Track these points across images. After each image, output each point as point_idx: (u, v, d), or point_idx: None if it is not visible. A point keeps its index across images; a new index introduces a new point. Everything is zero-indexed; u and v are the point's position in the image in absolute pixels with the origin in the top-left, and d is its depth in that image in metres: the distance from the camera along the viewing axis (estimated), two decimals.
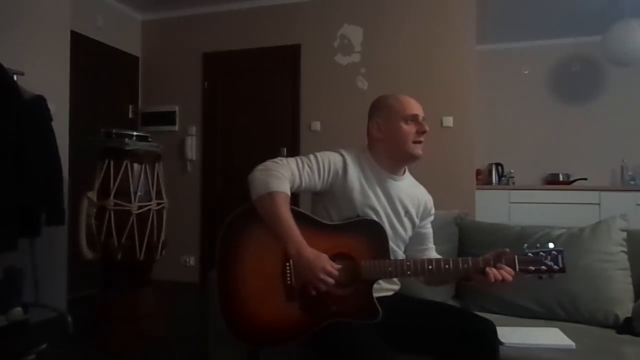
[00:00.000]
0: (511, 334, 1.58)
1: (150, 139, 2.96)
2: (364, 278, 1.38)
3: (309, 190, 1.50)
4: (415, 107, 1.54)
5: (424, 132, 1.53)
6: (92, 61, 4.08)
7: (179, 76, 4.61)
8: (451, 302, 1.90)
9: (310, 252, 1.32)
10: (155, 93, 4.69)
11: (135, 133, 2.89)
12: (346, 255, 1.40)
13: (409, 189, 1.60)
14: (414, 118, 1.53)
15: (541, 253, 1.37)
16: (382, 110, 1.56)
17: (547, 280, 1.37)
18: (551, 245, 1.38)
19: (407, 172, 1.64)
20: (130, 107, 4.62)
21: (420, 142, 1.53)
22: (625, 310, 1.77)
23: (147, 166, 2.84)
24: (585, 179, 4.71)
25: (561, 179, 4.78)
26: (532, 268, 1.36)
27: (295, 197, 1.53)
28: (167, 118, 4.59)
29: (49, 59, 3.22)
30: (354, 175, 1.50)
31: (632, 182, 4.60)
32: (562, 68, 5.00)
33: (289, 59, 4.25)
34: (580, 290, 1.81)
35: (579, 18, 4.36)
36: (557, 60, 5.02)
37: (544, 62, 5.04)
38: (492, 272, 1.31)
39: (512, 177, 5.01)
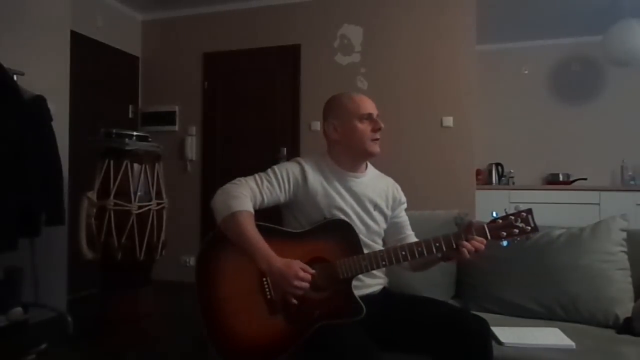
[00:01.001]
0: (511, 334, 1.58)
1: (150, 139, 2.96)
2: (341, 277, 1.39)
3: (273, 203, 1.51)
4: (369, 106, 1.56)
5: (379, 129, 1.55)
6: (92, 61, 4.08)
7: (179, 76, 4.61)
8: (451, 302, 1.89)
9: (280, 261, 1.33)
10: (155, 93, 4.69)
11: (135, 133, 2.89)
12: (320, 259, 1.41)
13: (374, 183, 1.62)
14: (369, 117, 1.55)
15: (510, 217, 1.39)
16: (336, 111, 1.58)
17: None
18: (520, 207, 1.40)
19: (369, 167, 1.66)
20: (130, 107, 4.62)
21: (377, 139, 1.55)
22: (625, 310, 1.77)
23: (147, 166, 2.84)
24: (585, 179, 4.71)
25: (561, 179, 4.78)
26: (504, 233, 1.38)
27: (275, 210, 1.55)
28: (167, 118, 4.59)
29: (49, 59, 3.22)
30: (315, 179, 1.52)
31: (632, 182, 4.60)
32: (562, 68, 5.00)
33: (289, 59, 4.25)
34: (580, 290, 1.81)
35: (579, 18, 4.36)
36: (557, 60, 5.02)
37: (544, 62, 5.04)
38: (465, 245, 1.34)
39: (512, 177, 5.01)
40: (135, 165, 2.80)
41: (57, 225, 2.87)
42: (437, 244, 1.39)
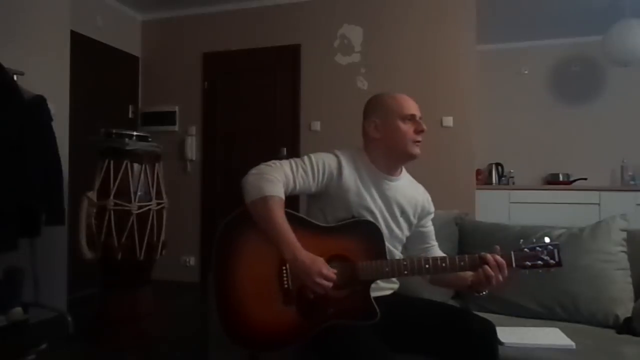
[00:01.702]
0: (511, 334, 1.58)
1: (150, 139, 2.95)
2: (361, 279, 1.38)
3: (303, 192, 1.49)
4: (412, 107, 1.53)
5: (422, 131, 1.52)
6: (92, 61, 4.08)
7: (179, 76, 4.61)
8: (451, 302, 1.90)
9: (306, 255, 1.31)
10: (155, 93, 4.69)
11: (135, 133, 2.88)
12: (342, 257, 1.39)
13: (406, 189, 1.59)
14: (412, 117, 1.52)
15: (537, 248, 1.38)
16: (379, 110, 1.54)
17: (546, 279, 1.38)
18: (547, 239, 1.39)
19: (404, 172, 1.63)
20: (130, 107, 4.62)
21: (418, 141, 1.52)
22: (625, 310, 1.77)
23: (147, 166, 2.84)
24: (585, 179, 4.71)
25: (561, 179, 4.78)
26: (529, 263, 1.37)
27: (295, 199, 1.53)
28: (167, 118, 4.59)
29: (49, 59, 3.22)
30: (350, 176, 1.49)
31: (632, 182, 4.60)
32: (562, 68, 5.00)
33: (289, 59, 4.25)
34: (580, 290, 1.81)
35: (579, 18, 4.36)
36: (557, 60, 5.02)
37: (544, 62, 5.04)
38: (488, 260, 1.34)
39: (512, 177, 5.01)
40: (135, 165, 2.79)
41: (57, 225, 2.87)
42: (462, 263, 1.38)
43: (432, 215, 1.67)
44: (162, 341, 2.84)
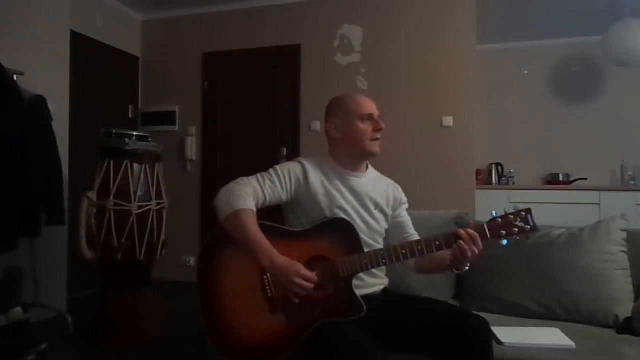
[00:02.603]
0: (511, 334, 1.58)
1: (150, 139, 2.95)
2: (342, 276, 1.39)
3: (275, 202, 1.53)
4: (370, 106, 1.59)
5: (380, 129, 1.57)
6: (92, 61, 4.08)
7: (179, 76, 4.61)
8: (451, 302, 1.90)
9: (282, 259, 1.34)
10: (155, 93, 4.69)
11: (135, 133, 2.88)
12: (321, 258, 1.41)
13: (374, 183, 1.63)
14: (370, 117, 1.57)
15: (509, 216, 1.40)
16: (338, 111, 1.60)
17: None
18: (519, 207, 1.42)
19: (369, 168, 1.68)
20: (130, 107, 4.62)
21: (377, 139, 1.57)
22: (625, 310, 1.77)
23: (147, 166, 2.84)
24: (585, 179, 4.71)
25: (561, 179, 4.78)
26: (504, 232, 1.39)
27: (277, 211, 1.56)
28: (167, 118, 4.59)
29: (49, 59, 3.22)
30: (316, 179, 1.54)
31: (632, 182, 4.60)
32: (562, 68, 5.00)
33: (289, 59, 4.25)
34: (580, 290, 1.81)
35: (579, 18, 4.36)
36: (557, 60, 5.02)
37: (544, 62, 5.04)
38: (461, 234, 1.36)
39: (512, 177, 5.01)
40: (135, 165, 2.79)
41: (57, 225, 2.87)
42: (437, 242, 1.39)
43: (406, 205, 1.71)
44: (162, 341, 2.84)
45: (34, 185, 2.65)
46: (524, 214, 1.40)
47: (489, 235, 1.39)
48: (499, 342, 1.52)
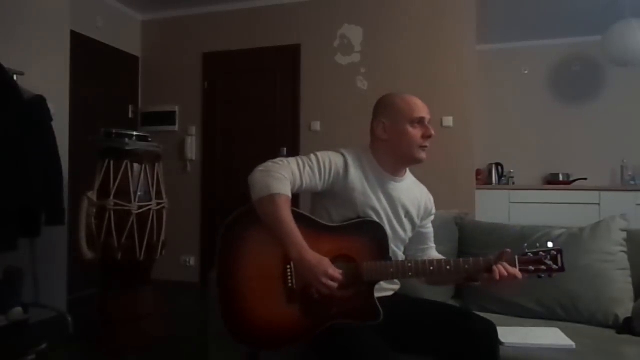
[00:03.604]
0: (511, 334, 1.58)
1: (150, 139, 2.95)
2: (365, 280, 1.38)
3: (309, 190, 1.48)
4: (423, 110, 1.51)
5: (430, 136, 1.50)
6: (92, 61, 4.08)
7: (179, 76, 4.61)
8: (451, 302, 1.90)
9: (312, 255, 1.30)
10: (155, 93, 4.69)
11: (135, 133, 2.88)
12: (347, 257, 1.39)
13: (410, 190, 1.59)
14: (421, 121, 1.50)
15: (541, 253, 1.38)
16: (388, 111, 1.52)
17: (546, 279, 1.38)
18: (550, 244, 1.39)
19: (407, 172, 1.62)
20: (130, 107, 4.62)
21: (425, 146, 1.51)
22: (625, 310, 1.77)
23: (147, 166, 2.84)
24: (585, 179, 4.71)
25: (561, 179, 4.78)
26: (532, 268, 1.37)
27: (295, 197, 1.53)
28: (167, 118, 4.59)
29: (49, 59, 3.22)
30: (356, 175, 1.49)
31: (632, 182, 4.60)
32: (562, 68, 5.00)
33: (289, 59, 4.25)
34: (580, 290, 1.81)
35: (579, 18, 4.36)
36: (557, 60, 5.02)
37: (544, 62, 5.04)
38: (497, 269, 1.32)
39: (512, 177, 5.01)
40: (135, 165, 2.79)
41: (57, 225, 2.87)
42: (467, 266, 1.37)
43: (432, 217, 1.67)
44: (162, 341, 2.85)
45: (34, 185, 2.65)
46: (555, 253, 1.37)
47: (517, 269, 1.36)
48: (500, 343, 1.52)
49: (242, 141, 4.37)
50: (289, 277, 1.37)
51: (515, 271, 1.33)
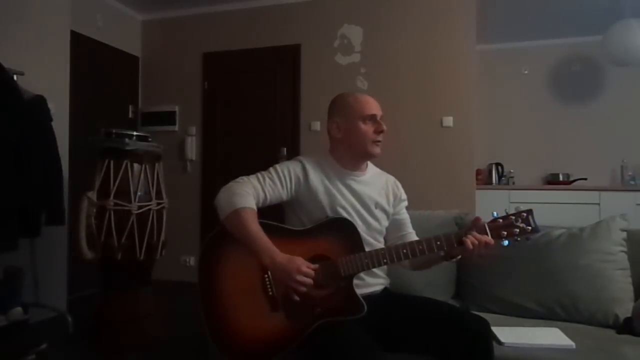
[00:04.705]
0: (511, 334, 1.58)
1: (150, 139, 2.96)
2: (343, 275, 1.40)
3: (276, 201, 1.53)
4: (373, 107, 1.57)
5: (382, 131, 1.56)
6: (92, 61, 4.08)
7: (179, 76, 4.61)
8: (451, 302, 1.89)
9: (282, 256, 1.34)
10: (155, 93, 4.69)
11: (135, 133, 2.89)
12: (322, 257, 1.42)
13: (374, 182, 1.63)
14: (372, 118, 1.56)
15: (511, 217, 1.41)
16: (340, 110, 1.59)
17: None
18: (520, 207, 1.41)
19: (369, 165, 1.67)
20: (130, 107, 4.62)
21: (378, 141, 1.56)
22: (625, 310, 1.77)
23: (147, 166, 2.84)
24: (585, 179, 4.71)
25: (561, 179, 4.78)
26: (505, 232, 1.39)
27: (278, 210, 1.57)
28: (167, 118, 4.59)
29: (49, 59, 3.22)
30: (316, 178, 1.54)
31: (632, 182, 4.59)
32: (562, 68, 5.00)
33: (289, 59, 4.25)
34: (580, 290, 1.81)
35: (579, 18, 4.36)
36: (557, 60, 5.01)
37: (544, 62, 5.03)
38: (468, 239, 1.36)
39: (512, 177, 5.01)
40: (135, 165, 2.80)
41: (57, 225, 2.87)
42: (439, 242, 1.40)
43: (405, 203, 1.70)
44: (162, 341, 2.85)
45: (34, 185, 2.65)
46: (525, 214, 1.40)
47: (489, 236, 1.38)
48: (499, 342, 1.52)
49: (242, 141, 4.37)
50: (268, 286, 1.39)
51: (487, 238, 1.37)
